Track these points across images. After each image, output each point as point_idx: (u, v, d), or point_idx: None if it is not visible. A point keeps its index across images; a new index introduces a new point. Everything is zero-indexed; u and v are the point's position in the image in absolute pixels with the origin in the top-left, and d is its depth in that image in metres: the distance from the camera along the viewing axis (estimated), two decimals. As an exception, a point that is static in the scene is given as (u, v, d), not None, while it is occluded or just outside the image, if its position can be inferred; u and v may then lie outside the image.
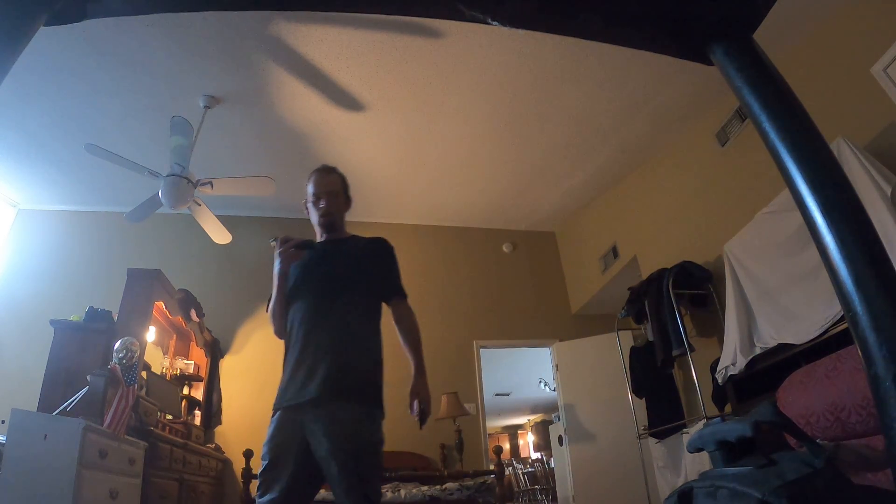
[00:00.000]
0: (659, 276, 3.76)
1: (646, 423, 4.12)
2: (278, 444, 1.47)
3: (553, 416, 8.32)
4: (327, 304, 1.61)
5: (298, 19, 3.06)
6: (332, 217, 1.78)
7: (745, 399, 3.00)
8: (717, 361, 3.24)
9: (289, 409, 1.51)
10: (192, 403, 4.23)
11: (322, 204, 1.77)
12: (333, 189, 1.79)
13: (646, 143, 4.34)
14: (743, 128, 3.51)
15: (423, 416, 1.58)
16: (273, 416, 1.54)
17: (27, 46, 0.63)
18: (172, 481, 3.09)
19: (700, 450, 0.86)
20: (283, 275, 1.66)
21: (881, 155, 2.46)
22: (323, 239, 1.80)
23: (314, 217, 1.79)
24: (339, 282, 1.65)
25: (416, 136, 4.20)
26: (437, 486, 3.22)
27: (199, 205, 3.62)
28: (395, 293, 1.74)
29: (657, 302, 3.70)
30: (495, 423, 13.16)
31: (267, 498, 1.41)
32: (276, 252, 1.66)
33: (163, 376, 3.84)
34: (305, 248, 1.68)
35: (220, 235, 3.99)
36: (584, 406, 4.99)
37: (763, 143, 0.66)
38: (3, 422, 2.34)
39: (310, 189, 1.79)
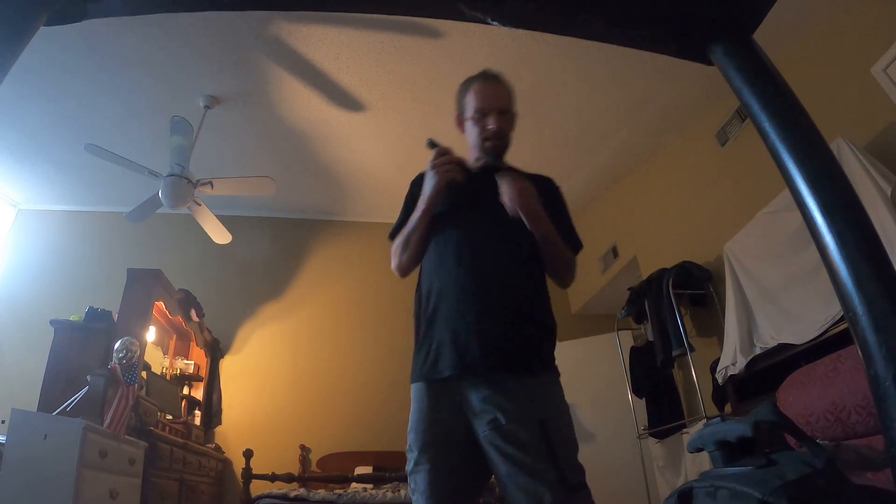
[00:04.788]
0: (659, 276, 3.76)
1: (646, 423, 4.12)
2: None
3: (553, 416, 8.33)
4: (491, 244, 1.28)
5: (298, 19, 3.06)
6: (505, 141, 1.44)
7: (745, 399, 3.00)
8: (717, 361, 3.23)
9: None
10: (192, 403, 4.23)
11: (491, 124, 1.39)
12: (505, 105, 1.44)
13: (646, 143, 4.33)
14: (743, 128, 3.51)
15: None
16: None
17: (27, 46, 0.63)
18: (172, 481, 3.09)
19: (700, 450, 0.86)
20: (435, 195, 1.33)
21: (881, 155, 2.46)
22: (481, 165, 1.44)
23: (475, 138, 1.43)
24: (511, 225, 1.29)
25: (416, 136, 4.20)
26: (437, 486, 3.21)
27: (199, 205, 3.62)
28: (570, 241, 1.40)
29: (657, 302, 3.70)
30: (495, 423, 13.13)
31: None
32: (431, 163, 1.34)
33: (163, 376, 3.84)
34: (461, 170, 1.34)
35: (220, 235, 3.99)
36: (584, 406, 4.98)
37: (763, 143, 0.66)
38: (3, 422, 2.34)
39: (471, 102, 1.44)
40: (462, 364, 1.17)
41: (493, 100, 1.42)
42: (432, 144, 1.37)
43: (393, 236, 1.44)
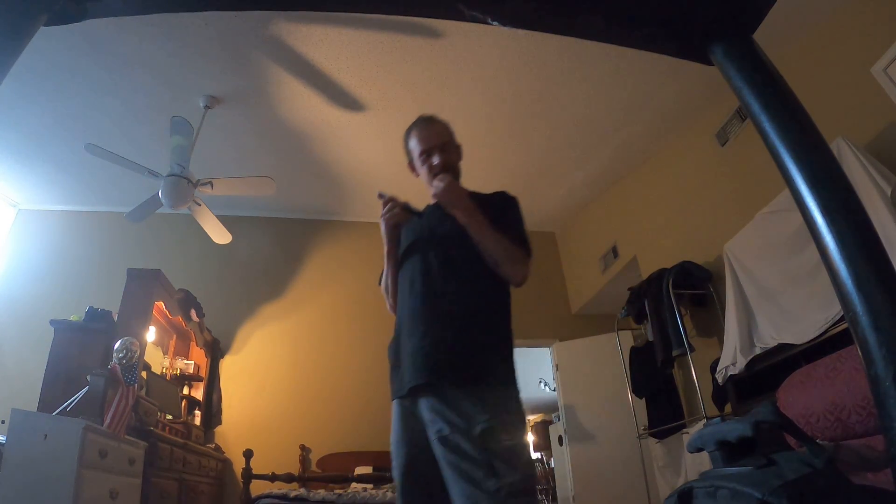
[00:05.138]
0: (659, 276, 3.76)
1: (646, 423, 4.12)
2: None
3: (553, 416, 8.32)
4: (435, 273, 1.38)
5: (298, 19, 3.06)
6: (452, 172, 1.54)
7: (745, 399, 3.00)
8: (717, 361, 3.23)
9: None
10: (192, 403, 4.23)
11: (435, 160, 1.51)
12: (444, 140, 1.55)
13: (646, 143, 4.34)
14: (743, 128, 3.51)
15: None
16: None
17: (27, 46, 0.63)
18: (172, 481, 3.09)
19: (700, 450, 0.86)
20: (389, 240, 1.48)
21: (881, 155, 2.46)
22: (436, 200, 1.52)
23: (426, 178, 1.54)
24: (448, 253, 1.40)
25: (416, 136, 4.20)
26: (437, 486, 3.21)
27: (199, 205, 3.62)
28: (518, 246, 1.45)
29: (657, 302, 3.70)
30: (495, 423, 13.12)
31: None
32: (380, 214, 1.47)
33: (163, 376, 3.84)
34: (406, 210, 1.48)
35: (220, 235, 3.99)
36: (584, 406, 4.99)
37: (763, 143, 0.66)
38: (3, 422, 2.34)
39: (415, 147, 1.55)
40: (413, 380, 1.25)
41: (433, 138, 1.53)
42: (380, 196, 1.50)
43: (380, 282, 1.58)
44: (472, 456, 1.14)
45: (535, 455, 11.39)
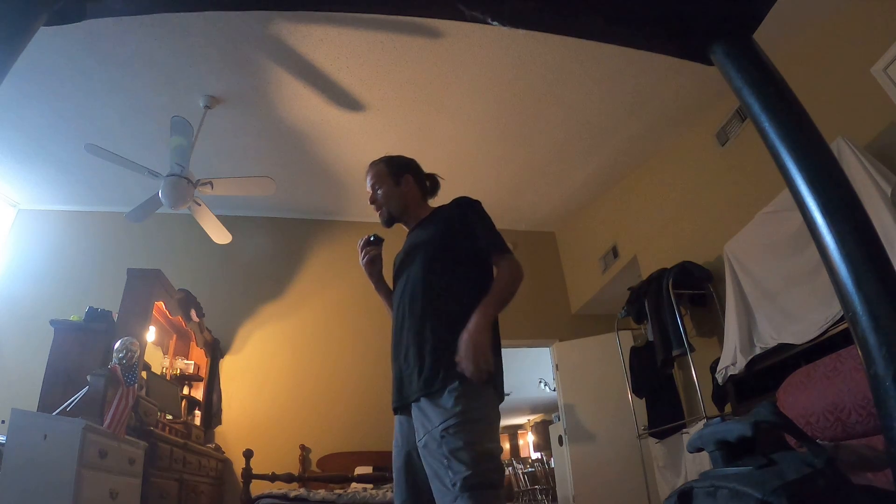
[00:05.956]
0: (659, 276, 3.76)
1: (646, 423, 4.12)
2: None
3: (553, 416, 8.32)
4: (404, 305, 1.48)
5: (298, 19, 3.06)
6: (383, 210, 1.67)
7: (745, 399, 3.00)
8: (717, 361, 3.23)
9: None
10: (192, 403, 4.23)
11: (370, 201, 1.68)
12: (375, 180, 1.69)
13: (646, 143, 4.34)
14: (743, 128, 3.51)
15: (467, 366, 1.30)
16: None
17: (27, 46, 0.63)
18: (172, 481, 3.09)
19: (700, 450, 0.86)
20: (369, 275, 1.65)
21: (881, 155, 2.46)
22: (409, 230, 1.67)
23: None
24: (409, 277, 1.51)
25: (415, 136, 4.20)
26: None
27: (199, 205, 3.62)
28: (490, 252, 1.50)
29: (657, 302, 3.70)
30: (495, 423, 13.11)
31: None
32: None
33: (163, 376, 3.84)
34: (372, 244, 1.61)
35: (220, 235, 3.99)
36: (584, 406, 4.99)
37: (763, 143, 0.66)
38: (3, 422, 2.34)
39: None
40: (397, 398, 1.43)
41: (368, 181, 1.72)
42: (362, 240, 1.66)
43: None
44: (436, 454, 1.25)
45: (535, 455, 11.39)
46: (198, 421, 4.20)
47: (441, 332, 1.39)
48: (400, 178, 1.69)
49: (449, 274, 1.47)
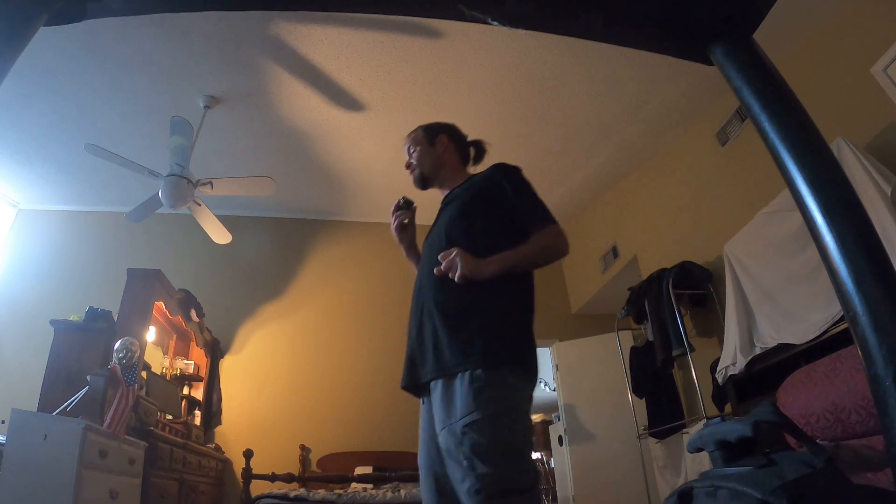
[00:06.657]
0: (659, 276, 3.76)
1: (646, 423, 4.12)
2: None
3: (553, 416, 8.32)
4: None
5: (298, 19, 3.06)
6: (416, 171, 1.61)
7: (745, 399, 3.00)
8: (717, 361, 3.23)
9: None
10: (192, 403, 4.23)
11: (405, 166, 1.63)
12: (411, 143, 1.64)
13: (646, 143, 4.33)
14: (743, 128, 3.51)
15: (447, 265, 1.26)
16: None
17: (27, 46, 0.63)
18: (172, 481, 3.09)
19: (700, 450, 0.86)
20: (400, 241, 1.58)
21: (881, 155, 2.46)
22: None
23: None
24: (431, 245, 1.42)
25: (416, 136, 4.20)
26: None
27: (199, 205, 3.62)
28: (528, 222, 1.35)
29: (657, 302, 3.70)
30: (495, 423, 13.11)
31: None
32: None
33: (163, 376, 3.84)
34: (402, 208, 1.57)
35: (220, 235, 3.99)
36: (584, 406, 4.98)
37: (763, 143, 0.66)
38: (3, 422, 2.34)
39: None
40: (407, 377, 1.30)
41: (406, 143, 1.66)
42: (397, 204, 1.60)
43: None
44: (455, 455, 1.12)
45: (535, 455, 11.37)
46: (198, 421, 4.20)
47: (459, 308, 1.26)
48: (434, 138, 1.63)
49: (474, 242, 1.32)
